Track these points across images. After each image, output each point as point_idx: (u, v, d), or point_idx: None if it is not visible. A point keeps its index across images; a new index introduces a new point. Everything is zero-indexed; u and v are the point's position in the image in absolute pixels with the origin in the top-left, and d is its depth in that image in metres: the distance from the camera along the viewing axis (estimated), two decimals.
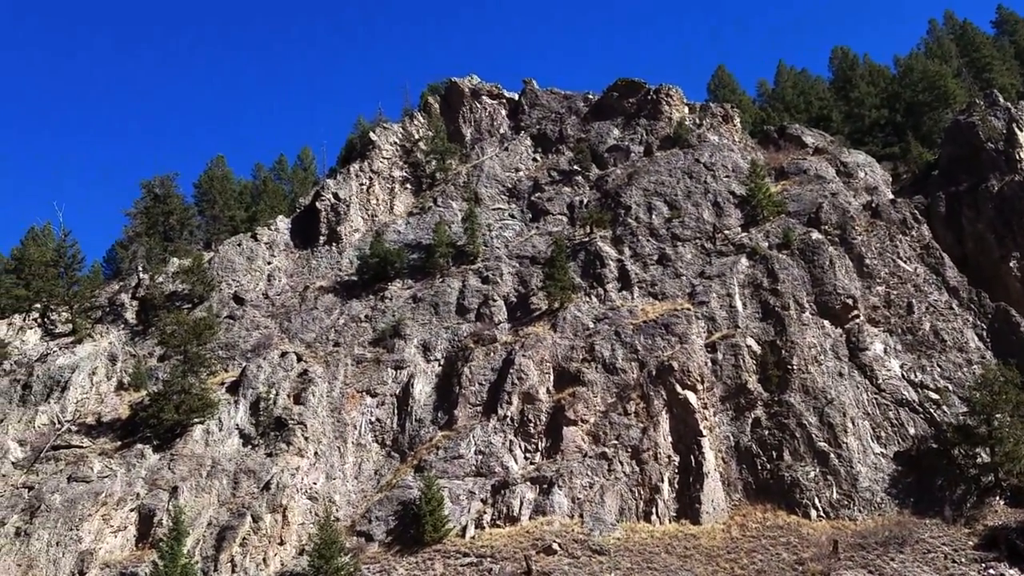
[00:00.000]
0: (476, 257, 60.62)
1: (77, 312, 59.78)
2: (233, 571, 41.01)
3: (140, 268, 65.55)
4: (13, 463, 46.10)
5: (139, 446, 46.70)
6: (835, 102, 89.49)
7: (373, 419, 50.24)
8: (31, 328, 59.97)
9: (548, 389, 49.16)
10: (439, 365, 52.79)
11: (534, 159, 74.01)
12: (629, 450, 45.45)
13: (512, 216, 66.42)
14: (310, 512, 44.83)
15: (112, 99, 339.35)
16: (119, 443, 47.86)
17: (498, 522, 43.22)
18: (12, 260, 69.37)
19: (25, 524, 40.74)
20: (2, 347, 56.48)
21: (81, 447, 47.54)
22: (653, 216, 61.03)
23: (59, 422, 50.79)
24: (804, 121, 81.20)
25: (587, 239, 60.68)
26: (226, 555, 41.30)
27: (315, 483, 46.13)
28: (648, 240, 59.28)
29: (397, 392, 51.36)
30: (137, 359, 56.87)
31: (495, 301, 56.46)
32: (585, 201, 65.61)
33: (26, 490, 43.72)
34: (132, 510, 43.21)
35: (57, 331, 59.73)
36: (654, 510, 43.16)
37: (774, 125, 77.15)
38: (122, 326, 60.59)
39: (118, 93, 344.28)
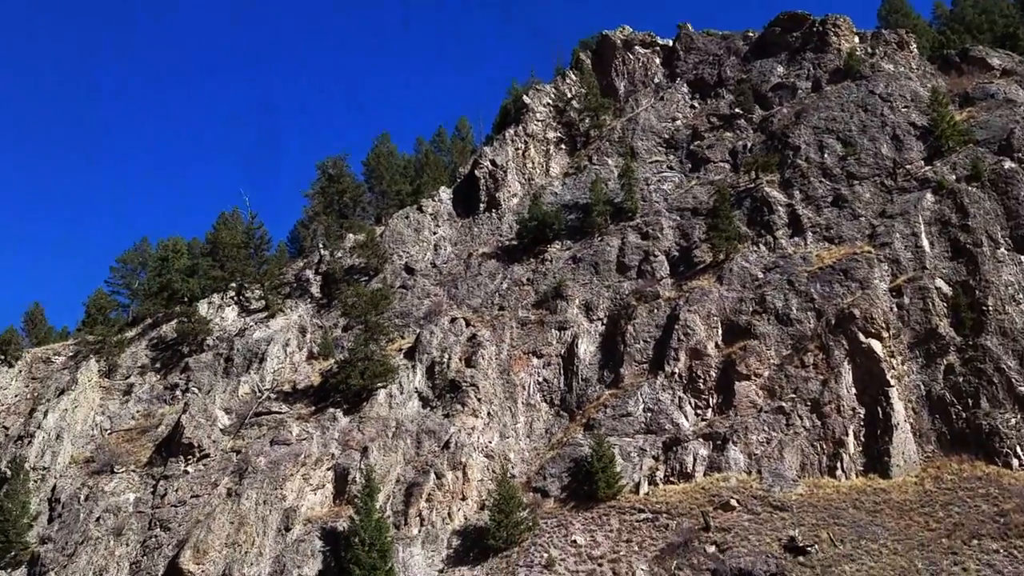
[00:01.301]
0: (634, 213, 59.78)
1: (268, 289, 64.71)
2: (421, 524, 43.47)
3: (320, 245, 69.81)
4: (221, 430, 51.00)
5: (331, 410, 50.17)
6: (1022, 19, 79.98)
7: (540, 379, 51.24)
8: (228, 306, 65.64)
9: (717, 344, 48.05)
10: (602, 324, 52.86)
11: (691, 106, 71.62)
12: (808, 404, 43.76)
13: (670, 168, 64.78)
14: (487, 469, 46.58)
15: (284, 87, 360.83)
16: (313, 408, 51.68)
17: (671, 479, 43.11)
18: (207, 244, 75.84)
19: (235, 485, 44.98)
20: (205, 324, 62.25)
21: (280, 413, 51.78)
22: (825, 155, 57.49)
23: (259, 391, 55.56)
24: (988, 42, 73.21)
25: (752, 185, 58.24)
26: (414, 510, 43.79)
27: (490, 442, 47.81)
28: (820, 181, 56.00)
29: (562, 352, 52.00)
30: (324, 330, 60.91)
31: (656, 257, 55.57)
32: (748, 145, 62.85)
33: (234, 454, 48.28)
34: (328, 469, 46.58)
35: (252, 307, 65.04)
36: (838, 464, 41.47)
37: (955, 48, 70.11)
38: (308, 300, 65.01)
39: (290, 83, 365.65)
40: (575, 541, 40.52)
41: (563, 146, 73.11)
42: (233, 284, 66.41)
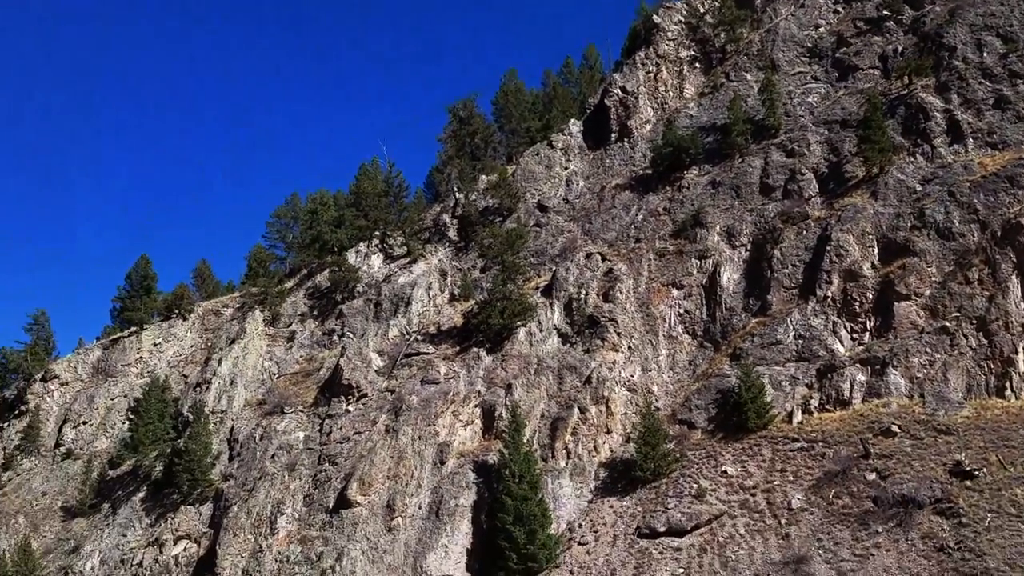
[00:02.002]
0: (778, 130, 56.58)
1: (409, 235, 66.75)
2: (568, 457, 44.29)
3: (455, 189, 70.91)
4: (376, 371, 53.60)
5: (474, 349, 51.54)
6: None
7: (681, 311, 50.25)
8: (374, 253, 68.32)
9: (872, 264, 45.30)
10: (746, 251, 50.90)
11: (835, 11, 66.16)
12: (974, 321, 40.74)
13: (815, 79, 60.54)
14: (630, 403, 46.60)
15: (412, 33, 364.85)
16: (457, 348, 53.30)
17: (827, 406, 41.57)
18: (351, 195, 78.68)
19: (392, 422, 47.35)
20: (354, 272, 65.15)
21: (427, 353, 53.76)
22: (984, 54, 51.93)
23: (407, 333, 57.85)
24: None
25: (905, 91, 53.61)
26: (560, 443, 44.63)
27: (632, 375, 47.67)
28: (980, 83, 50.75)
29: (703, 282, 50.65)
30: (463, 272, 62.33)
31: (803, 175, 52.58)
32: (899, 49, 57.63)
33: (389, 393, 50.71)
34: (476, 406, 48.10)
35: (395, 254, 67.41)
36: (1007, 384, 38.77)
37: None
38: (447, 244, 66.54)
39: (418, 29, 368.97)
40: (725, 472, 40.08)
41: (697, 65, 69.81)
42: (377, 232, 68.91)
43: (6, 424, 68.36)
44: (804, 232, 48.73)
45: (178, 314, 72.10)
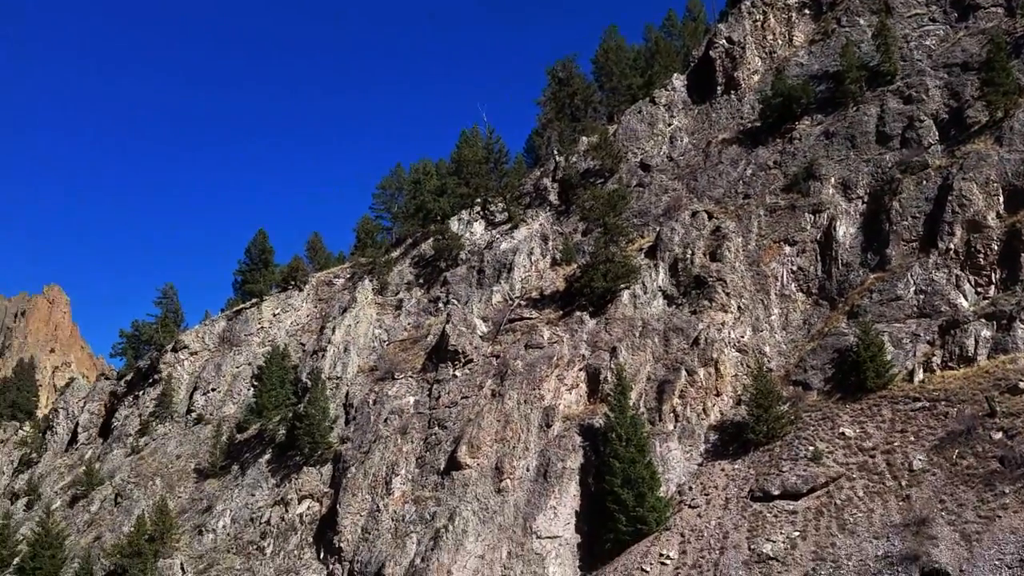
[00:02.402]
0: (893, 75, 53.25)
1: (509, 201, 66.87)
2: (676, 420, 43.74)
3: (555, 152, 70.41)
4: (481, 337, 54.28)
5: (577, 313, 51.39)
6: None
7: (794, 268, 48.40)
8: (476, 220, 68.90)
9: (998, 213, 42.32)
10: (862, 203, 48.39)
11: None
12: None
13: (932, 20, 56.47)
14: (740, 364, 45.46)
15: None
16: (561, 312, 53.26)
17: (950, 364, 39.37)
18: (452, 163, 79.41)
19: (497, 387, 47.95)
20: (457, 240, 65.93)
21: (530, 318, 53.99)
22: None
23: (510, 299, 58.23)
24: None
25: None
26: (668, 406, 44.11)
27: (742, 336, 46.41)
28: None
29: (817, 237, 48.56)
30: (564, 236, 62.02)
31: (922, 122, 49.39)
32: None
33: (494, 358, 51.31)
34: (580, 370, 48.06)
35: (496, 220, 67.75)
36: None
37: None
38: (547, 208, 66.30)
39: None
40: (843, 433, 38.67)
41: (807, 11, 66.34)
42: (478, 199, 69.38)
43: (141, 392, 73.26)
44: (924, 182, 45.93)
45: (294, 285, 75.08)
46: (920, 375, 39.63)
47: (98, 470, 65.82)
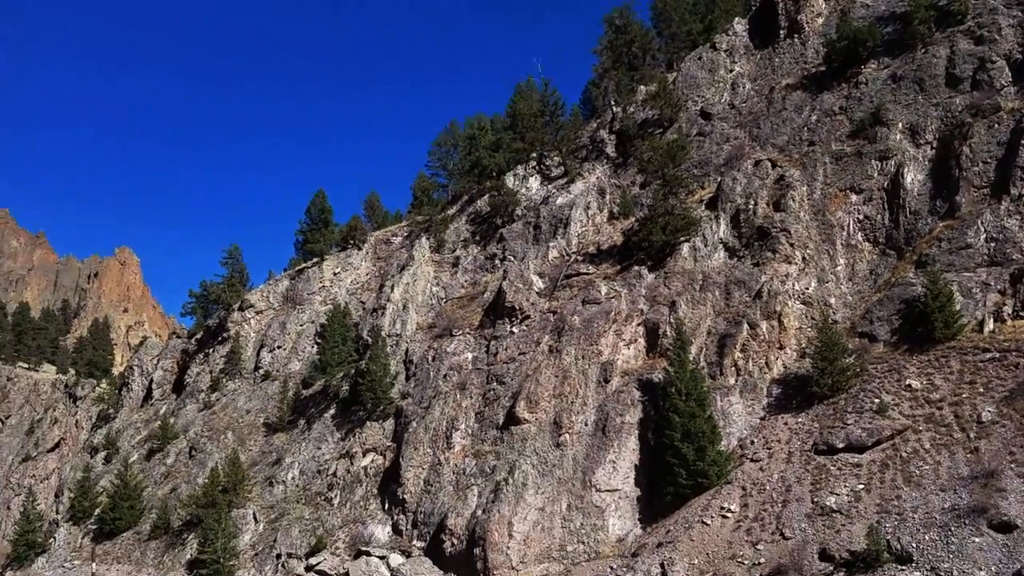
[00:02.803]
0: (964, 15, 50.57)
1: (565, 155, 66.11)
2: (738, 374, 43.21)
3: (612, 103, 69.12)
4: (537, 293, 54.26)
5: (635, 268, 50.86)
6: None
7: (861, 217, 46.92)
8: (531, 175, 68.40)
9: None
10: (931, 148, 46.47)
11: None
12: None
13: None
14: (805, 316, 44.54)
15: None
16: (618, 267, 52.80)
17: (1021, 313, 37.87)
18: (507, 118, 78.70)
19: (555, 342, 47.98)
20: (513, 196, 65.65)
21: (587, 273, 53.68)
22: None
23: (566, 254, 57.92)
24: None
25: None
26: (729, 360, 43.57)
27: (807, 288, 45.40)
28: None
29: (885, 185, 46.90)
30: (622, 189, 61.19)
31: (994, 63, 46.92)
32: None
33: (551, 314, 51.28)
34: (639, 324, 47.72)
35: (552, 175, 67.15)
36: None
37: None
38: (604, 161, 65.39)
39: None
40: (910, 385, 37.71)
41: None
42: (533, 154, 68.77)
43: (211, 350, 75.64)
44: (996, 126, 43.80)
45: (353, 244, 76.06)
46: (990, 325, 38.26)
47: (172, 424, 68.55)
